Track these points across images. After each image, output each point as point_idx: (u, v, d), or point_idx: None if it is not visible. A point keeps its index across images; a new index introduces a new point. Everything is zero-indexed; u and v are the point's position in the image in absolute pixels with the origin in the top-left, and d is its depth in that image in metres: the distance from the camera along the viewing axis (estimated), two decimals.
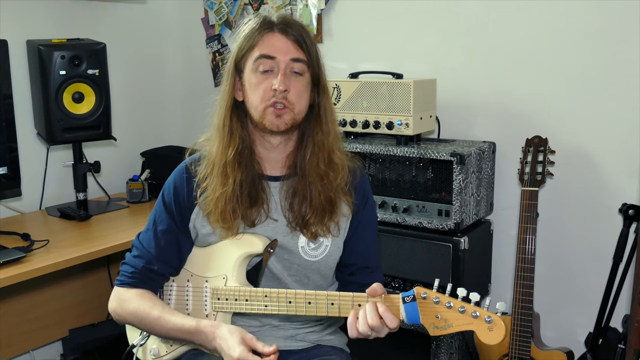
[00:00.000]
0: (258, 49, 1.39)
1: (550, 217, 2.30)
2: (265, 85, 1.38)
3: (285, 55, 1.39)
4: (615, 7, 2.09)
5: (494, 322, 1.18)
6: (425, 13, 2.46)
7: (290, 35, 1.40)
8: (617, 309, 2.11)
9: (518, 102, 2.32)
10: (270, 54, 1.38)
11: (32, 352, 2.55)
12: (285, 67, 1.39)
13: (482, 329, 1.19)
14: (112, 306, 1.49)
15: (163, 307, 1.44)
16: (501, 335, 1.18)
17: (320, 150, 1.45)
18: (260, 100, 1.39)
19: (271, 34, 1.40)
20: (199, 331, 1.37)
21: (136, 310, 1.44)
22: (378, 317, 1.25)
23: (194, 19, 3.09)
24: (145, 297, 1.45)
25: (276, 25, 1.40)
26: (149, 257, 1.47)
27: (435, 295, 1.22)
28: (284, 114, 1.39)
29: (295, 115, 1.40)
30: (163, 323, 1.41)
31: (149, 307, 1.43)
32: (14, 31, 2.42)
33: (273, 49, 1.39)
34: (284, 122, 1.39)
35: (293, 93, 1.39)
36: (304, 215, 1.45)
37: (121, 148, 2.90)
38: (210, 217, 1.45)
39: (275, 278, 1.51)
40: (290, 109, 1.39)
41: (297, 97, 1.40)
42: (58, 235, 2.21)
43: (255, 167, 1.46)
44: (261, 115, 1.39)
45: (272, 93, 1.37)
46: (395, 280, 2.24)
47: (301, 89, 1.41)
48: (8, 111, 2.24)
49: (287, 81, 1.38)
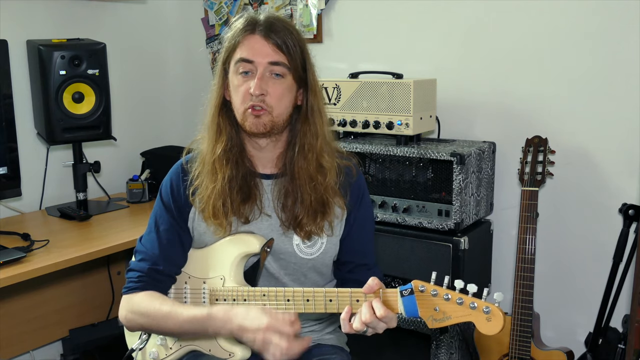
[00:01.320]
0: (239, 51, 1.40)
1: (550, 217, 2.30)
2: (244, 87, 1.39)
3: (264, 58, 1.38)
4: (615, 7, 2.09)
5: (492, 313, 1.18)
6: (425, 13, 2.46)
7: (270, 38, 1.38)
8: (617, 309, 2.11)
9: (518, 102, 2.32)
10: (248, 57, 1.38)
11: (32, 352, 2.55)
12: (264, 71, 1.38)
13: (481, 319, 1.19)
14: (122, 314, 1.46)
15: (173, 302, 1.43)
16: (500, 326, 1.18)
17: (308, 152, 1.44)
18: (240, 103, 1.40)
19: (251, 36, 1.39)
20: (212, 317, 1.34)
21: (147, 310, 1.42)
22: (372, 313, 1.25)
23: (194, 19, 3.09)
24: (154, 297, 1.44)
25: (258, 27, 1.39)
26: (154, 258, 1.47)
27: (433, 288, 1.23)
28: (262, 116, 1.38)
29: (274, 117, 1.40)
30: (174, 316, 1.38)
31: (159, 304, 1.41)
32: (14, 31, 2.42)
33: (252, 52, 1.38)
34: (263, 123, 1.39)
35: (272, 96, 1.39)
36: (297, 215, 1.45)
37: (121, 148, 2.90)
38: (203, 214, 1.46)
39: (272, 277, 1.51)
40: (268, 112, 1.39)
41: (277, 100, 1.39)
42: (58, 235, 2.21)
43: (247, 164, 1.46)
44: (242, 117, 1.40)
45: (250, 96, 1.38)
46: (395, 280, 2.24)
47: (281, 92, 1.40)
48: (8, 111, 2.24)
49: (264, 85, 1.37)
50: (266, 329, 1.26)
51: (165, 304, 1.41)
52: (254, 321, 1.28)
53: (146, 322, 1.43)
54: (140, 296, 1.45)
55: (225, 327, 1.32)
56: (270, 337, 1.25)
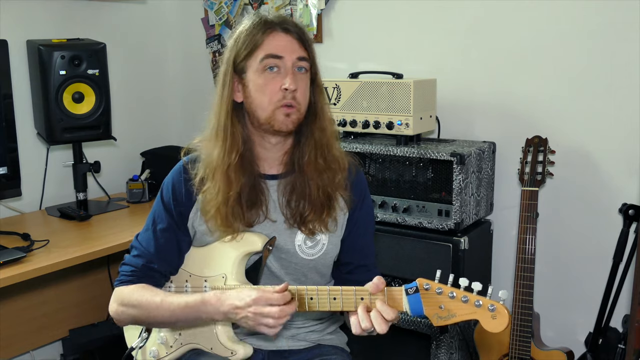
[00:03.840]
0: (262, 50, 1.38)
1: (550, 217, 2.30)
2: (273, 85, 1.38)
3: (292, 54, 1.38)
4: (616, 7, 2.09)
5: (497, 310, 1.18)
6: (425, 13, 2.46)
7: (293, 33, 1.40)
8: (617, 309, 2.11)
9: (518, 102, 2.32)
10: (278, 53, 1.38)
11: (32, 352, 2.55)
12: (292, 66, 1.39)
13: (486, 317, 1.19)
14: (112, 307, 1.46)
15: (165, 293, 1.42)
16: (505, 323, 1.18)
17: (319, 147, 1.45)
18: (269, 102, 1.38)
19: (275, 33, 1.39)
20: (205, 302, 1.34)
21: (138, 301, 1.41)
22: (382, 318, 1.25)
23: (194, 19, 3.09)
24: (145, 288, 1.43)
25: (278, 25, 1.40)
26: (149, 256, 1.47)
27: (438, 286, 1.23)
28: (292, 114, 1.39)
29: (300, 114, 1.41)
30: (166, 305, 1.38)
31: (150, 296, 1.41)
32: (14, 31, 2.42)
33: (280, 49, 1.38)
34: (292, 121, 1.39)
35: (300, 92, 1.39)
36: (302, 211, 1.45)
37: (121, 148, 2.90)
38: (210, 222, 1.45)
39: (273, 276, 1.51)
40: (297, 109, 1.39)
41: (303, 96, 1.41)
42: (58, 235, 2.21)
43: (255, 168, 1.46)
44: (270, 116, 1.38)
45: (282, 93, 1.37)
46: (395, 280, 2.24)
47: (305, 88, 1.42)
48: (8, 111, 2.24)
49: (296, 80, 1.38)
50: (256, 301, 1.26)
51: (157, 295, 1.41)
52: (245, 299, 1.28)
53: (137, 313, 1.42)
54: (130, 288, 1.44)
55: (219, 310, 1.32)
56: (261, 309, 1.26)
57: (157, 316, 1.40)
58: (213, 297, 1.34)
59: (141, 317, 1.43)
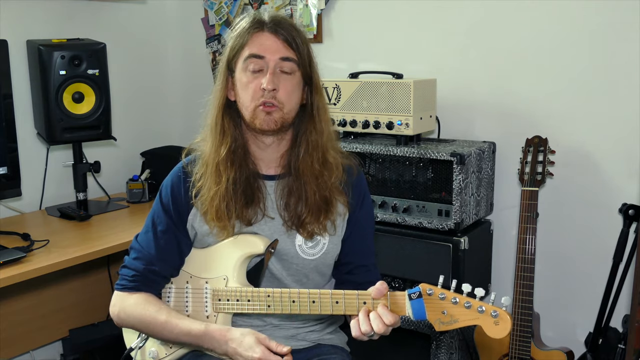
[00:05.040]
0: (248, 49, 1.40)
1: (550, 217, 2.30)
2: (254, 84, 1.39)
3: (275, 54, 1.39)
4: (616, 7, 2.09)
5: (500, 317, 1.19)
6: (425, 13, 2.46)
7: (279, 34, 1.40)
8: (617, 309, 2.11)
9: (518, 102, 2.32)
10: (260, 53, 1.39)
11: (32, 352, 2.55)
12: (274, 67, 1.39)
13: (489, 323, 1.20)
14: (114, 311, 1.48)
15: (169, 312, 1.44)
16: (507, 329, 1.19)
17: (314, 149, 1.45)
18: (250, 100, 1.40)
19: (261, 33, 1.40)
20: (208, 335, 1.37)
21: (142, 316, 1.43)
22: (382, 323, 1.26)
23: (194, 19, 3.09)
24: (149, 302, 1.45)
25: (266, 25, 1.40)
26: (149, 258, 1.47)
27: (441, 291, 1.23)
28: (274, 112, 1.39)
29: (284, 114, 1.41)
30: (170, 328, 1.41)
31: (154, 312, 1.42)
32: (14, 31, 2.42)
33: (262, 48, 1.39)
34: (274, 120, 1.39)
35: (282, 92, 1.39)
36: (300, 214, 1.45)
37: (121, 148, 2.90)
38: (206, 216, 1.46)
39: (274, 278, 1.51)
40: (279, 108, 1.39)
41: (287, 97, 1.40)
42: (58, 235, 2.21)
43: (250, 166, 1.46)
44: (252, 114, 1.40)
45: (262, 92, 1.38)
46: (395, 280, 2.24)
47: (291, 88, 1.41)
48: (8, 111, 2.24)
49: (275, 80, 1.38)
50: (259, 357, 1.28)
51: (161, 313, 1.42)
52: (247, 350, 1.30)
53: (139, 326, 1.46)
54: (134, 298, 1.45)
55: (221, 347, 1.36)
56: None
57: (160, 335, 1.45)
58: (217, 331, 1.37)
59: (142, 330, 1.48)
